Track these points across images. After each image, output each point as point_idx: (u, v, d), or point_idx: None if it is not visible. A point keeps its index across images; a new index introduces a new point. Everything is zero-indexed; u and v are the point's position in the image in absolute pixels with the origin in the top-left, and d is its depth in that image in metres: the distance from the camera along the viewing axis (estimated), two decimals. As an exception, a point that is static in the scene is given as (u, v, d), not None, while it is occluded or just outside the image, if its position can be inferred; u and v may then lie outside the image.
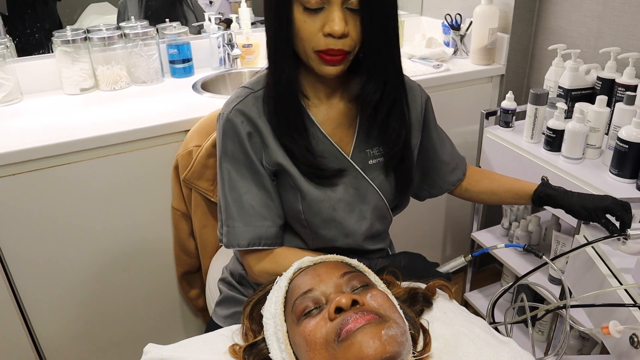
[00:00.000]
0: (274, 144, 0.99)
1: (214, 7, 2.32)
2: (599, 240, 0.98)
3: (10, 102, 1.68)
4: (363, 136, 1.04)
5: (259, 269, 1.05)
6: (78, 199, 1.46)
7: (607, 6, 1.67)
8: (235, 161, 1.00)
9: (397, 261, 1.05)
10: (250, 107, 0.98)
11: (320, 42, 0.87)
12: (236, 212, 1.01)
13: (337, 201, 1.02)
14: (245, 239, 1.01)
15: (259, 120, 0.98)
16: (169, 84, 1.87)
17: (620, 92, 1.50)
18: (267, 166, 1.00)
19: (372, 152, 1.05)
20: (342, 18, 0.85)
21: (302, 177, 0.99)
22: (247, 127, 0.97)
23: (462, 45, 2.09)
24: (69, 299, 1.56)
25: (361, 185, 1.04)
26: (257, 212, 1.01)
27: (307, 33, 0.87)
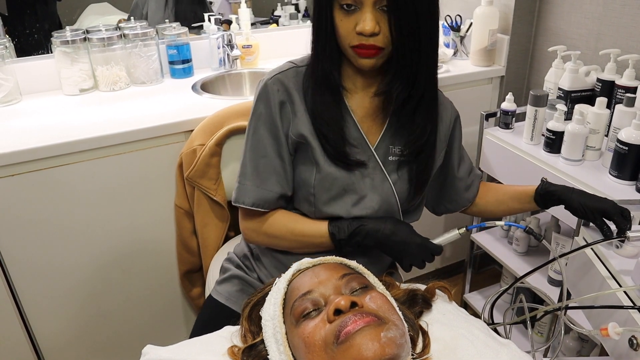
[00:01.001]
0: (304, 116, 1.05)
1: (213, 8, 2.32)
2: (598, 242, 0.98)
3: (9, 103, 1.67)
4: (390, 131, 1.08)
5: (249, 225, 1.12)
6: (77, 200, 1.46)
7: (607, 8, 1.67)
8: (262, 123, 1.05)
9: (380, 223, 1.06)
10: (290, 78, 1.05)
11: (354, 38, 0.95)
12: (250, 172, 1.07)
13: (350, 183, 1.06)
14: (251, 199, 1.07)
15: (295, 92, 1.05)
16: (168, 84, 1.87)
17: (620, 93, 1.50)
18: (292, 136, 1.05)
19: (394, 149, 1.09)
20: (372, 18, 0.92)
21: (323, 153, 1.04)
22: (281, 96, 1.04)
23: (462, 46, 2.09)
24: (67, 300, 1.55)
25: (377, 177, 1.08)
26: (270, 176, 1.06)
27: (343, 30, 0.95)
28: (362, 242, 1.04)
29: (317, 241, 1.07)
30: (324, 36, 0.99)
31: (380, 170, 1.08)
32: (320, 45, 1.01)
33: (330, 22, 0.97)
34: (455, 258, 2.36)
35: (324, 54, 1.01)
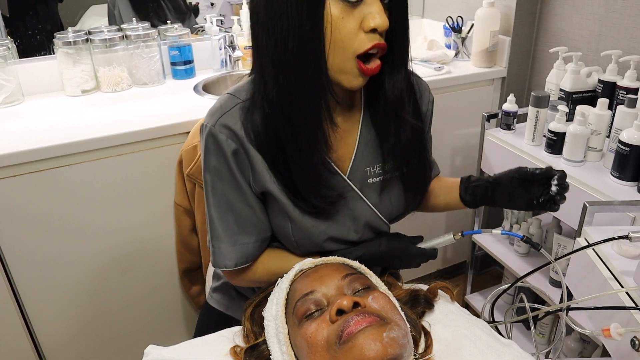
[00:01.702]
0: (263, 168, 0.89)
1: (215, 9, 2.33)
2: (600, 242, 0.98)
3: (11, 104, 1.68)
4: (362, 152, 0.95)
5: (238, 280, 1.01)
6: (79, 200, 1.46)
7: (609, 9, 1.67)
8: (219, 178, 0.91)
9: (375, 247, 0.98)
10: (237, 120, 0.87)
11: (364, 41, 0.77)
12: (222, 232, 0.94)
13: (329, 227, 0.95)
14: (232, 260, 0.95)
15: (246, 139, 0.87)
16: (170, 85, 1.88)
17: (622, 94, 1.50)
18: (254, 186, 0.91)
19: (373, 169, 0.97)
20: (383, 10, 0.76)
21: (296, 209, 0.91)
22: (232, 145, 0.87)
23: (464, 47, 2.09)
24: (69, 300, 1.56)
25: (357, 206, 0.97)
26: (243, 230, 0.94)
27: (346, 32, 0.75)
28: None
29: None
30: (315, 45, 0.76)
31: (359, 198, 0.96)
32: (309, 61, 0.77)
33: (320, 23, 0.75)
34: (456, 259, 2.36)
35: (310, 72, 0.78)
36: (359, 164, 0.95)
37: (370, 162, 0.96)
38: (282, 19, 0.75)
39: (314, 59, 0.77)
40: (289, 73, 0.78)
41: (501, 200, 1.01)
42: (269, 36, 0.78)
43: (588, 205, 1.16)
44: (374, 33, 0.77)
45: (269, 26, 0.78)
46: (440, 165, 1.20)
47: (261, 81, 0.84)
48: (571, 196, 1.42)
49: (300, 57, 0.77)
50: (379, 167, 0.97)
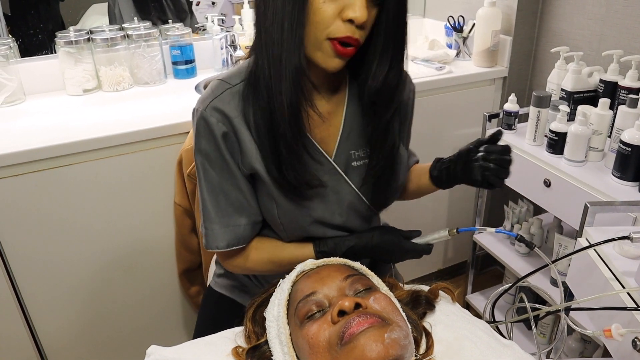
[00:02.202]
0: (252, 148, 0.93)
1: (216, 8, 2.32)
2: (601, 243, 0.98)
3: (13, 103, 1.68)
4: (346, 136, 0.99)
5: (232, 264, 1.05)
6: (80, 200, 1.46)
7: (610, 9, 1.67)
8: (210, 161, 0.94)
9: (367, 238, 1.01)
10: (227, 103, 0.91)
11: (339, 28, 0.81)
12: (214, 214, 0.97)
13: (314, 210, 0.98)
14: (224, 241, 0.99)
15: (236, 120, 0.91)
16: (171, 85, 1.88)
17: (623, 94, 1.49)
18: (243, 169, 0.95)
19: (358, 153, 1.00)
20: (365, 5, 0.80)
21: (279, 190, 0.95)
22: (222, 127, 0.91)
23: (465, 47, 2.09)
24: (70, 299, 1.56)
25: (342, 189, 1.00)
26: (234, 212, 0.98)
27: (325, 15, 0.80)
28: (354, 259, 0.94)
29: (300, 258, 0.97)
30: (299, 24, 0.81)
31: (344, 181, 0.99)
32: (290, 40, 0.82)
33: (303, 7, 0.80)
34: (457, 259, 2.36)
35: (291, 50, 0.82)
36: (343, 147, 0.99)
37: (355, 146, 1.00)
38: (272, 1, 0.82)
39: (294, 36, 0.82)
40: (273, 48, 0.83)
41: (461, 174, 1.02)
42: (263, 13, 0.84)
43: (589, 206, 1.17)
44: (351, 24, 0.81)
45: (261, 8, 0.85)
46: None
47: (253, 62, 0.90)
48: (572, 196, 1.43)
49: (283, 34, 0.82)
50: (362, 151, 1.00)
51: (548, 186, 1.52)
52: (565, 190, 1.46)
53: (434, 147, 2.00)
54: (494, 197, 2.16)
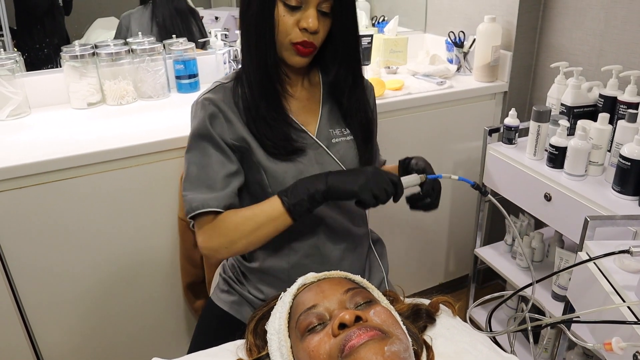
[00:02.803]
0: (240, 124, 1.09)
1: (219, 23, 2.35)
2: (601, 256, 0.99)
3: (18, 116, 1.70)
4: (325, 117, 1.17)
5: (201, 235, 1.09)
6: (84, 212, 1.47)
7: (609, 25, 1.69)
8: (200, 136, 1.09)
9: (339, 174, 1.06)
10: (217, 94, 1.11)
11: (297, 34, 1.03)
12: (194, 181, 1.08)
13: (300, 172, 1.10)
14: (199, 202, 1.06)
15: (224, 105, 1.09)
16: (175, 99, 1.89)
17: (622, 109, 1.51)
18: (233, 142, 1.09)
19: (335, 132, 1.17)
20: (316, 17, 1.01)
21: (265, 153, 1.09)
22: (211, 109, 1.08)
23: (466, 62, 2.11)
24: (71, 309, 1.56)
25: (325, 160, 1.14)
26: (214, 182, 1.08)
27: (285, 25, 1.02)
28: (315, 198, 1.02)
29: (271, 214, 1.04)
30: (267, 32, 1.03)
31: (326, 153, 1.14)
32: (263, 41, 1.04)
33: (272, 18, 1.02)
34: (458, 273, 2.36)
35: (265, 49, 1.04)
36: (323, 126, 1.17)
37: (333, 126, 1.18)
38: (250, 12, 1.04)
39: (267, 40, 1.04)
40: (250, 49, 1.07)
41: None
42: (242, 24, 1.07)
43: (589, 220, 1.17)
44: (306, 31, 1.02)
45: (242, 21, 1.07)
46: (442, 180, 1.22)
47: (241, 64, 1.13)
48: (573, 210, 1.44)
49: (257, 38, 1.05)
50: (339, 131, 1.18)
51: (548, 200, 1.53)
52: (565, 204, 1.47)
53: (434, 160, 1.99)
54: (495, 211, 2.16)
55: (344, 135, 1.18)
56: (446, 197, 2.09)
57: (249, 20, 1.05)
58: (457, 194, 2.13)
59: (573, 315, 0.94)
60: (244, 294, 1.22)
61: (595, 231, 1.18)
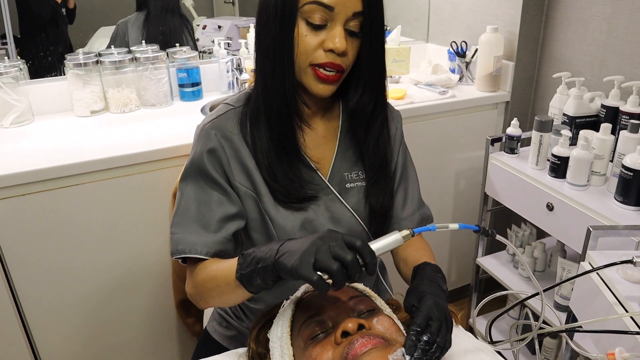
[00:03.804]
0: (250, 162, 0.98)
1: (222, 32, 2.36)
2: (604, 267, 0.99)
3: (22, 123, 1.70)
4: (341, 157, 1.04)
5: (186, 282, 0.99)
6: (85, 220, 1.47)
7: (611, 35, 1.70)
8: (196, 170, 0.98)
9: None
10: (228, 121, 0.99)
11: (320, 56, 0.90)
12: (182, 217, 0.98)
13: (309, 222, 1.00)
14: (185, 245, 0.95)
15: (235, 137, 0.98)
16: (178, 107, 1.90)
17: (625, 120, 1.51)
18: (239, 184, 0.98)
19: (351, 175, 1.05)
20: (344, 36, 0.89)
21: (273, 199, 0.98)
22: (213, 143, 0.97)
23: (468, 72, 2.12)
24: (71, 314, 1.56)
25: (336, 209, 1.03)
26: (206, 223, 0.96)
27: (307, 46, 0.89)
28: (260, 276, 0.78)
29: (228, 279, 0.84)
30: (287, 53, 0.90)
31: (338, 201, 1.03)
32: (281, 65, 0.92)
33: (292, 38, 0.90)
34: (460, 282, 2.35)
35: (282, 74, 0.92)
36: (338, 167, 1.04)
37: (349, 168, 1.05)
38: (267, 31, 0.92)
39: (286, 63, 0.91)
40: (267, 75, 0.94)
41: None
42: (259, 46, 0.95)
43: (592, 230, 1.17)
44: (332, 53, 0.90)
45: (259, 39, 0.95)
46: (444, 189, 1.19)
47: (253, 87, 0.99)
48: (575, 220, 1.44)
49: (275, 62, 0.92)
50: (355, 174, 1.05)
51: (551, 210, 1.52)
52: (568, 214, 1.47)
53: (436, 170, 2.01)
54: (497, 221, 2.16)
55: (360, 180, 1.05)
56: (448, 206, 2.09)
57: (266, 42, 0.92)
58: (459, 204, 2.13)
59: (577, 324, 0.94)
60: (243, 330, 1.18)
61: (597, 241, 1.18)
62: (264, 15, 0.91)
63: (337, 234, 0.72)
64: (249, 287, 0.80)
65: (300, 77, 0.93)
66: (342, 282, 0.68)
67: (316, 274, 0.69)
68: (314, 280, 0.68)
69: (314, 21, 0.88)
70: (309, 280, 0.69)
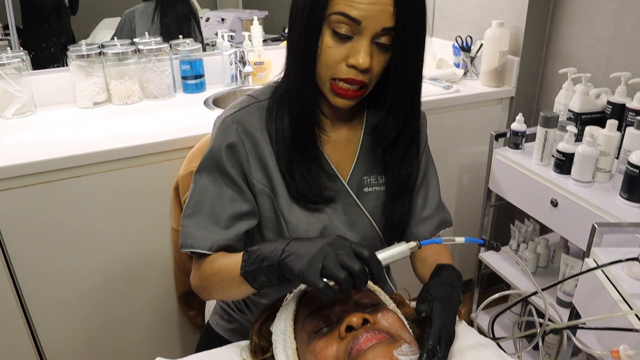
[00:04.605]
0: (270, 159, 0.96)
1: (226, 25, 2.35)
2: (609, 264, 0.98)
3: (24, 114, 1.70)
4: (362, 163, 1.02)
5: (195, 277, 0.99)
6: (87, 211, 1.47)
7: (618, 31, 1.68)
8: (212, 164, 0.97)
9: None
10: (251, 115, 0.97)
11: (342, 70, 0.87)
12: (193, 210, 0.97)
13: (324, 226, 1.00)
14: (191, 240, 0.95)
15: (257, 132, 0.96)
16: (180, 99, 1.89)
17: (631, 116, 1.50)
18: (255, 180, 0.97)
19: (370, 179, 1.03)
20: (369, 52, 0.84)
21: (289, 198, 0.97)
22: (233, 137, 0.95)
23: (473, 67, 2.11)
24: (74, 309, 1.56)
25: (353, 212, 1.02)
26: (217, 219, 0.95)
27: (330, 59, 0.86)
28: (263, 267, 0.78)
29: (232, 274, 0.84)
30: (309, 61, 0.88)
31: (355, 204, 1.02)
32: (301, 71, 0.90)
33: (316, 46, 0.86)
34: (463, 277, 2.35)
35: (302, 81, 0.90)
36: (357, 172, 1.02)
37: (368, 172, 1.03)
38: (294, 30, 0.89)
39: (305, 72, 0.90)
40: (291, 79, 0.93)
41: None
42: (289, 38, 0.92)
43: (597, 227, 1.16)
44: (354, 69, 0.86)
45: (289, 38, 0.92)
46: (447, 184, 1.19)
47: (281, 84, 0.98)
48: (579, 216, 1.43)
49: (297, 68, 0.91)
50: (374, 178, 1.03)
51: (555, 206, 1.52)
52: (572, 211, 1.46)
53: (440, 165, 1.98)
54: (500, 216, 2.15)
55: (378, 184, 1.03)
56: (451, 202, 2.09)
57: (293, 39, 0.90)
58: (462, 199, 2.12)
59: (581, 321, 0.93)
60: (245, 323, 1.18)
61: (602, 238, 1.17)
62: (294, 13, 0.89)
63: (346, 241, 0.72)
64: (254, 284, 0.80)
65: (321, 87, 0.91)
66: (348, 290, 0.69)
67: (323, 281, 0.69)
68: (320, 288, 0.69)
69: (340, 30, 0.84)
70: (315, 287, 0.69)
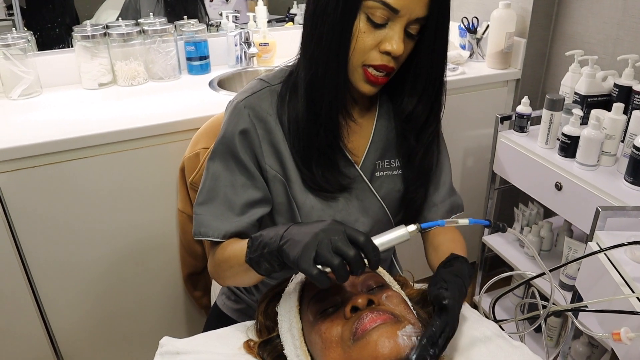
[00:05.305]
0: (283, 145, 0.96)
1: (230, 5, 2.34)
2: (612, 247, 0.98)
3: (30, 96, 1.70)
4: (375, 148, 1.02)
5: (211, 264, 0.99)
6: (94, 193, 1.48)
7: (626, 13, 1.67)
8: (225, 150, 0.97)
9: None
10: (263, 101, 0.96)
11: (374, 57, 0.87)
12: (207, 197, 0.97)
13: (337, 211, 1.00)
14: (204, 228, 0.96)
15: (270, 118, 0.95)
16: (185, 80, 1.89)
17: (638, 99, 1.49)
18: (268, 167, 0.96)
19: (382, 164, 1.03)
20: (402, 39, 0.85)
21: (303, 186, 0.97)
22: (246, 123, 0.94)
23: (479, 48, 2.09)
24: (84, 294, 1.58)
25: (366, 197, 1.02)
26: (230, 206, 0.96)
27: (363, 45, 0.86)
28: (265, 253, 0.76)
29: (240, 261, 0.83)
30: (343, 47, 0.86)
31: (369, 189, 1.02)
32: (336, 57, 0.87)
33: (350, 33, 0.85)
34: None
35: (337, 68, 0.88)
36: (371, 155, 1.02)
37: (381, 156, 1.03)
38: (325, 16, 0.85)
39: (339, 58, 0.87)
40: (318, 65, 0.89)
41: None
42: (311, 30, 0.89)
43: (601, 210, 1.17)
44: (387, 55, 0.87)
45: (312, 23, 0.89)
46: (452, 166, 1.19)
47: (298, 70, 0.95)
48: (583, 200, 1.43)
49: (329, 54, 0.87)
50: (387, 162, 1.03)
51: (559, 189, 1.52)
52: (576, 194, 1.46)
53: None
54: (504, 199, 2.15)
55: (390, 168, 1.03)
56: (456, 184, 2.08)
57: (322, 28, 0.86)
58: (466, 182, 2.13)
59: (583, 303, 0.94)
60: (252, 304, 1.18)
61: (606, 222, 1.18)
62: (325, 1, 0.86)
63: (340, 226, 0.70)
64: (259, 271, 0.79)
65: (349, 73, 0.90)
66: (344, 277, 0.67)
67: (316, 268, 0.67)
68: (313, 275, 0.67)
69: (375, 19, 0.84)
70: (308, 274, 0.68)
